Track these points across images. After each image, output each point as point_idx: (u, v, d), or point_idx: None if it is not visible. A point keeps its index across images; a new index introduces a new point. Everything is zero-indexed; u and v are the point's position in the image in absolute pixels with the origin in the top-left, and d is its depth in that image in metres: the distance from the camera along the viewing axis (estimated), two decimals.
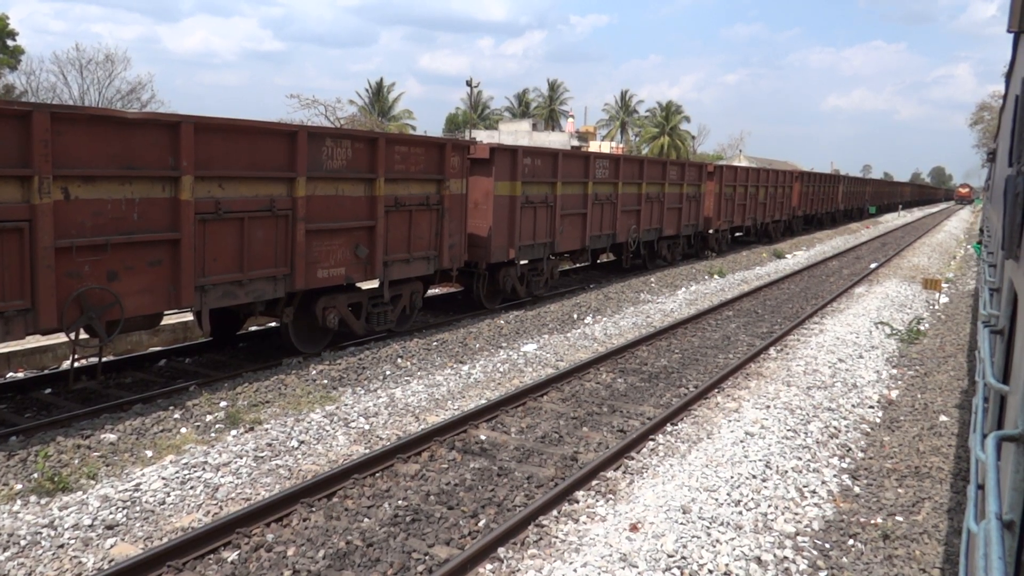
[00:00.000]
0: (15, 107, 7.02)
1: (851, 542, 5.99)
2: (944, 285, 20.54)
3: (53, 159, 7.11)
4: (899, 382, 10.95)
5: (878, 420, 9.16)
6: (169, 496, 6.26)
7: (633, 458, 7.47)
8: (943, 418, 9.06)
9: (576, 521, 6.09)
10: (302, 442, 7.55)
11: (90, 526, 5.70)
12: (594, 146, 56.71)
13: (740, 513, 6.29)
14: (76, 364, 8.90)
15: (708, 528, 5.95)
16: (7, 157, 6.86)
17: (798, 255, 28.20)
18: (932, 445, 8.16)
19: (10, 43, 45.85)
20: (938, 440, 8.31)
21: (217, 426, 7.83)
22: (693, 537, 5.77)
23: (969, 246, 33.12)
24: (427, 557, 5.47)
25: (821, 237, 36.29)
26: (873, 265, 24.91)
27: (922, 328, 14.57)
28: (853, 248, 31.85)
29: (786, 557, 5.66)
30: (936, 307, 17.68)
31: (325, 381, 9.39)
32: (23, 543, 5.41)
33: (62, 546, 5.43)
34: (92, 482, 6.44)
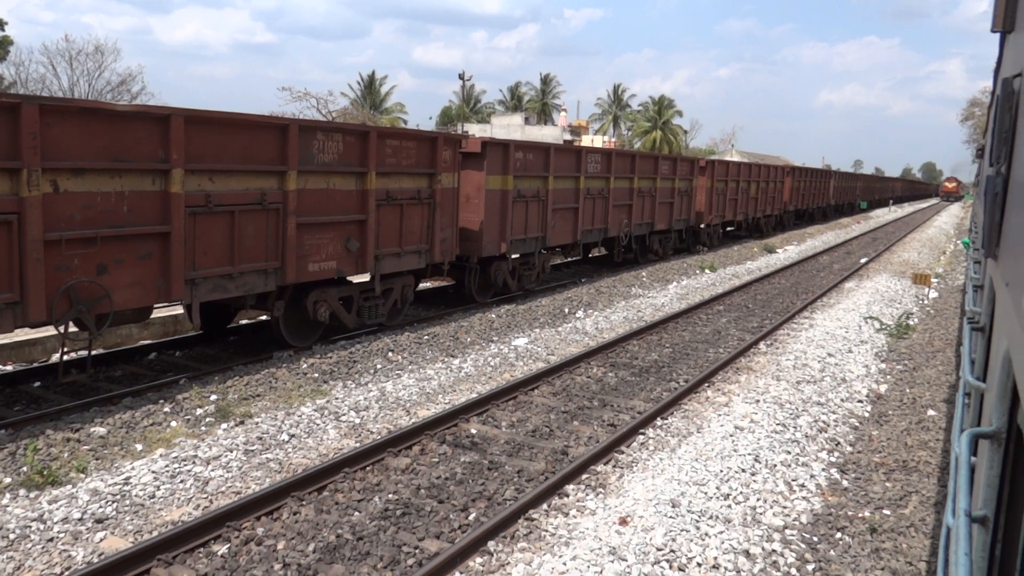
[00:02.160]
0: (4, 99, 6.98)
1: (839, 535, 6.04)
2: (933, 280, 20.65)
3: (42, 151, 7.07)
4: (888, 377, 11.02)
5: (867, 414, 9.22)
6: (159, 490, 6.25)
7: (623, 452, 7.50)
8: (931, 412, 9.12)
9: (566, 515, 6.11)
10: (292, 436, 7.55)
11: (80, 520, 5.69)
12: (586, 140, 56.72)
13: (729, 507, 6.32)
14: (65, 357, 8.85)
15: (697, 521, 5.98)
16: None
17: (789, 250, 28.29)
18: (920, 439, 8.22)
19: None
20: (926, 435, 8.37)
21: (207, 420, 7.82)
22: (682, 530, 5.81)
23: (959, 241, 33.30)
24: (417, 551, 5.48)
25: (812, 232, 36.42)
26: (863, 260, 25.02)
27: (911, 323, 14.65)
28: (844, 243, 31.98)
29: (774, 550, 5.70)
30: (925, 302, 17.79)
31: (316, 375, 9.39)
32: (12, 537, 5.40)
33: (51, 540, 5.42)
34: (82, 476, 6.43)
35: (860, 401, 9.71)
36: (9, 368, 9.82)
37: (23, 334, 9.99)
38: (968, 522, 1.40)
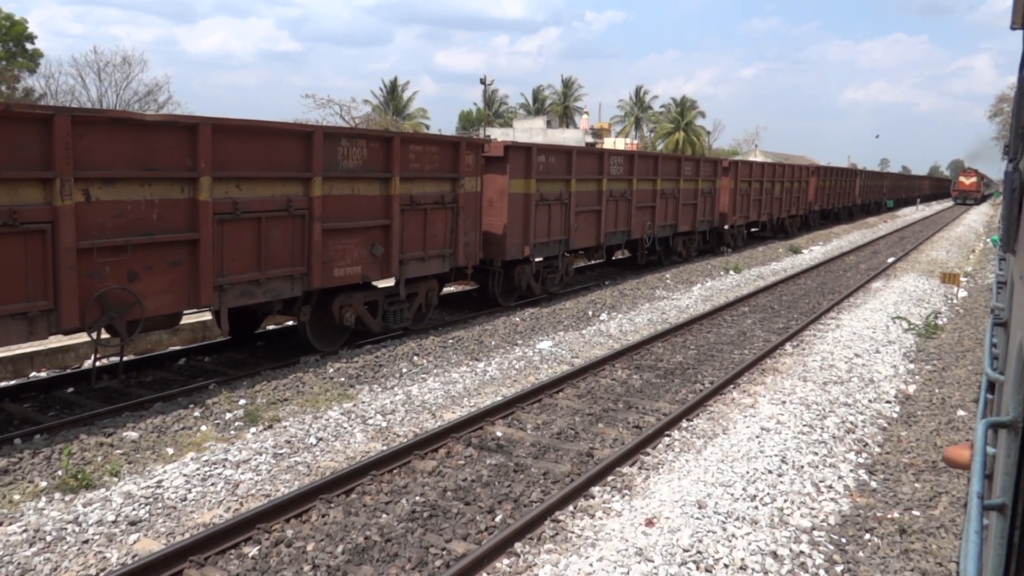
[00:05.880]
0: (37, 111, 7.14)
1: (867, 536, 6.00)
2: (962, 279, 20.37)
3: (74, 161, 7.22)
4: (916, 377, 10.90)
5: (895, 415, 9.14)
6: (190, 493, 6.35)
7: (649, 454, 7.50)
8: (961, 412, 9.02)
9: (592, 516, 6.13)
10: (320, 439, 7.63)
11: (114, 522, 5.80)
12: (609, 143, 56.60)
13: (756, 508, 6.30)
14: (98, 363, 9.03)
15: (724, 523, 5.97)
16: (30, 160, 6.98)
17: (815, 250, 28.05)
18: (949, 440, 8.12)
19: (29, 47, 46.38)
20: (956, 435, 8.28)
21: (237, 424, 7.93)
22: (709, 532, 5.80)
23: (988, 239, 32.82)
24: (444, 552, 5.53)
25: (838, 232, 36.07)
26: (890, 260, 24.75)
27: (940, 322, 14.48)
28: (870, 243, 31.64)
29: (802, 551, 5.68)
30: (954, 301, 17.56)
31: (342, 379, 9.48)
32: (49, 539, 5.52)
33: (86, 541, 5.53)
34: (115, 479, 6.55)
35: (888, 402, 9.62)
36: (43, 374, 10.02)
37: (56, 341, 10.18)
38: (980, 503, 1.43)
